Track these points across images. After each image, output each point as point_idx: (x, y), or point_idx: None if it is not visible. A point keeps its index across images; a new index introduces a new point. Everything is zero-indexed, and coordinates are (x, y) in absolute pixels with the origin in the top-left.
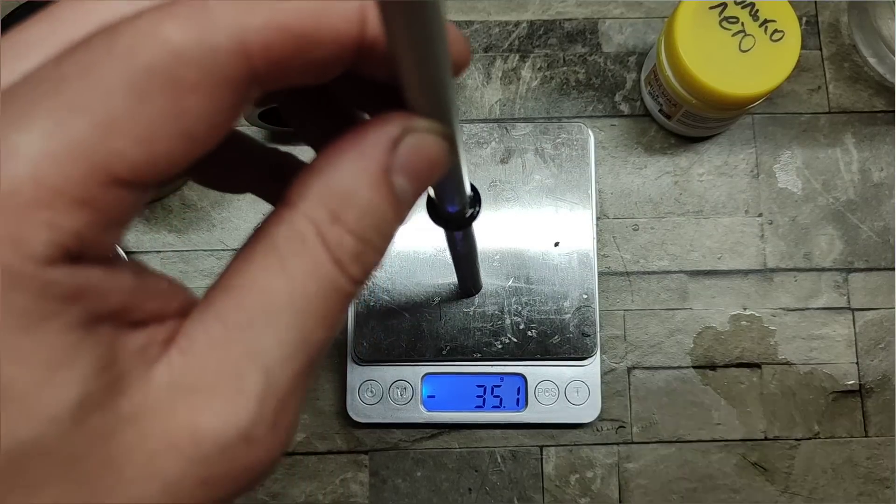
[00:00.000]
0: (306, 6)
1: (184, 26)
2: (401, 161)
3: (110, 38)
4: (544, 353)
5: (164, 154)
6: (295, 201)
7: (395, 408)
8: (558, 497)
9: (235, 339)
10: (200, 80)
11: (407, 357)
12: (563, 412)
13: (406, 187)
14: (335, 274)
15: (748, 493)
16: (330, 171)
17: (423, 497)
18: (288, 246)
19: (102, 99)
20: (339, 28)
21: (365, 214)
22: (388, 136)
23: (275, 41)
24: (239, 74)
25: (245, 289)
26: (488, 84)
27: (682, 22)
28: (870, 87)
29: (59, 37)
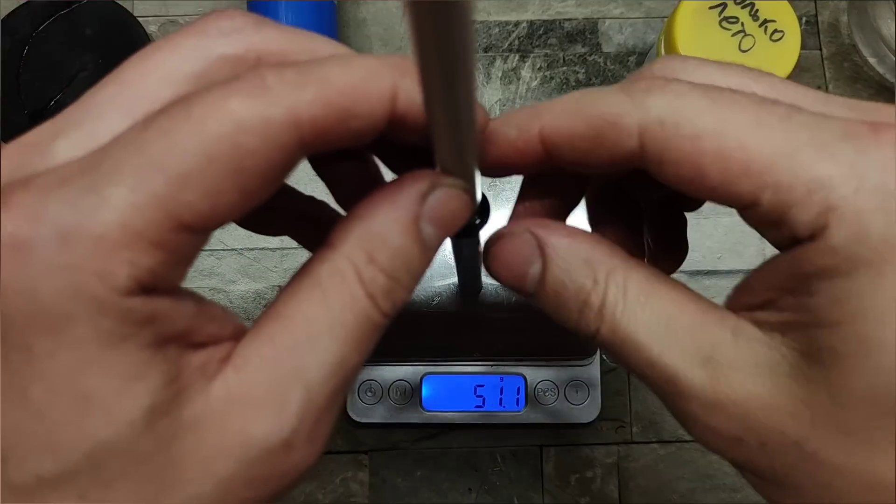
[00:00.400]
0: (347, 85)
1: (246, 101)
2: (429, 211)
3: (186, 108)
4: (544, 353)
5: (224, 205)
6: (336, 244)
7: (395, 408)
8: (558, 497)
9: (283, 360)
10: (258, 146)
11: (407, 357)
12: (563, 412)
13: (432, 234)
14: (369, 307)
15: (748, 492)
16: (368, 218)
17: (422, 497)
18: (330, 281)
19: (178, 160)
20: (374, 104)
21: (396, 256)
22: (419, 190)
23: (320, 114)
24: (290, 141)
25: (292, 317)
26: (488, 84)
27: (682, 22)
28: (870, 87)
29: (126, 97)
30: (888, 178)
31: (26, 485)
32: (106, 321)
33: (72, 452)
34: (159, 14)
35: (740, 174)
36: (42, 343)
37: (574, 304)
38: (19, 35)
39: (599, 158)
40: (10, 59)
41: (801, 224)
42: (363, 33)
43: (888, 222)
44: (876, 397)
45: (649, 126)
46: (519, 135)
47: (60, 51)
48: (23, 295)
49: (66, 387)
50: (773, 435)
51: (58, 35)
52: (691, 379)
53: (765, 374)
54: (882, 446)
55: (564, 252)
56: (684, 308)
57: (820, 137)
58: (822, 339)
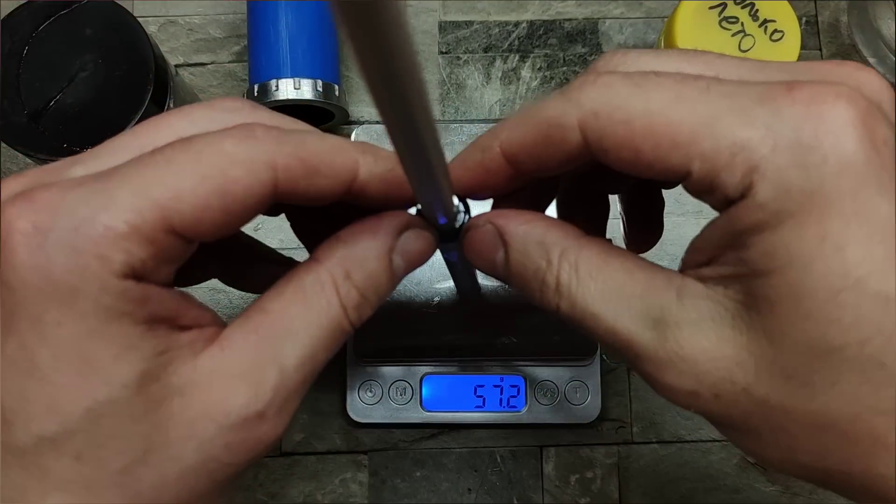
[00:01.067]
0: (318, 150)
1: (237, 143)
2: (400, 246)
3: (187, 143)
4: (544, 353)
5: (208, 220)
6: (321, 259)
7: (395, 408)
8: (558, 497)
9: (263, 346)
10: (242, 177)
11: (407, 357)
12: (563, 412)
13: (400, 265)
14: (341, 315)
15: (748, 493)
16: (350, 242)
17: (422, 497)
18: (312, 288)
19: (175, 177)
20: (338, 168)
21: (369, 278)
22: (395, 226)
23: (294, 165)
24: (268, 180)
25: (276, 312)
26: (488, 84)
27: (682, 22)
28: None
29: (138, 144)
30: (801, 133)
31: (27, 446)
32: (107, 298)
33: (72, 412)
34: (159, 14)
35: (669, 148)
36: (52, 313)
37: (535, 284)
38: (19, 35)
39: (554, 159)
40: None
41: (730, 186)
42: None
43: (804, 175)
44: (809, 340)
45: (586, 119)
46: (483, 154)
47: (60, 51)
48: (38, 271)
49: (71, 352)
50: (724, 384)
51: (58, 35)
52: (644, 341)
53: (709, 328)
54: (821, 387)
55: (521, 237)
56: (634, 276)
57: (738, 104)
58: (758, 289)
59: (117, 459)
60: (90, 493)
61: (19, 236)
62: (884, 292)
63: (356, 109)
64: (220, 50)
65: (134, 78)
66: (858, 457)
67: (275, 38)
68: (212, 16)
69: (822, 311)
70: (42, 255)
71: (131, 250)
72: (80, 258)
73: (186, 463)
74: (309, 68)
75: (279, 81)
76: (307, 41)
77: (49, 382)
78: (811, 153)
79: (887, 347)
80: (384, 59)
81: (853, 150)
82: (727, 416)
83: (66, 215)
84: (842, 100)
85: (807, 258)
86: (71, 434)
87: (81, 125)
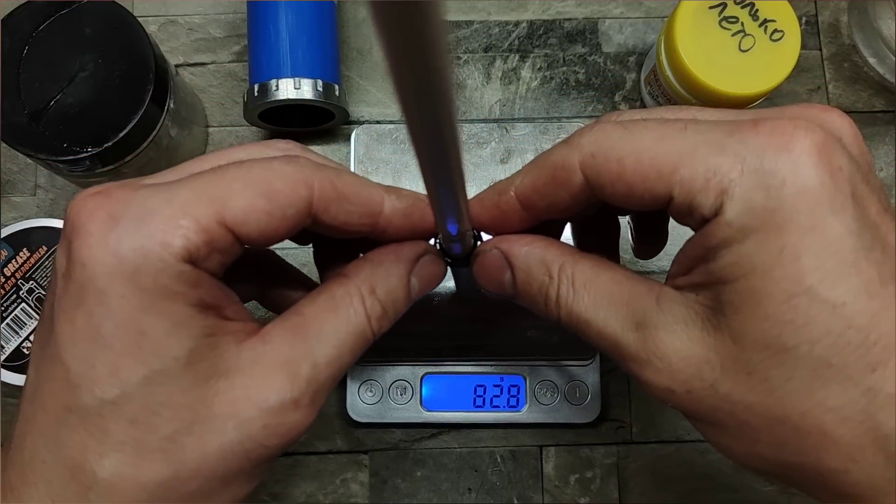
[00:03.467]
0: (350, 181)
1: (283, 163)
2: (418, 270)
3: (239, 163)
4: (544, 353)
5: (253, 220)
6: (350, 275)
7: (395, 408)
8: (558, 497)
9: (299, 344)
10: (284, 187)
11: (407, 357)
12: (563, 412)
13: (416, 286)
14: (365, 324)
15: (747, 493)
16: (376, 263)
17: (423, 497)
18: (342, 299)
19: (228, 182)
20: (364, 202)
21: (390, 294)
22: (415, 252)
23: (327, 189)
24: (305, 195)
25: (310, 317)
26: (488, 84)
27: (682, 22)
28: (870, 87)
29: (201, 165)
30: (764, 159)
31: (90, 407)
32: (165, 277)
33: (130, 378)
34: (159, 14)
35: (655, 179)
36: (116, 288)
37: (540, 298)
38: (19, 35)
39: (561, 199)
40: (10, 59)
41: (705, 207)
42: (363, 33)
43: (766, 196)
44: (767, 339)
45: (585, 160)
46: (499, 196)
47: (60, 51)
48: (108, 251)
49: (130, 323)
50: (694, 381)
51: (58, 35)
52: (628, 343)
53: (681, 330)
54: (777, 383)
55: (524, 258)
56: (621, 286)
57: (711, 137)
58: (724, 294)
59: (166, 426)
60: (140, 457)
61: (96, 222)
62: (831, 299)
63: (356, 109)
64: (220, 50)
65: (134, 78)
66: (809, 450)
67: (275, 38)
68: (212, 15)
69: (778, 313)
70: (113, 237)
71: (189, 237)
72: (145, 241)
73: (227, 438)
74: (309, 68)
75: (279, 81)
76: (307, 41)
77: (111, 350)
78: (772, 177)
79: (834, 349)
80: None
81: (809, 174)
82: (698, 411)
83: (136, 206)
84: (800, 131)
85: (767, 266)
86: (129, 398)
87: (81, 125)
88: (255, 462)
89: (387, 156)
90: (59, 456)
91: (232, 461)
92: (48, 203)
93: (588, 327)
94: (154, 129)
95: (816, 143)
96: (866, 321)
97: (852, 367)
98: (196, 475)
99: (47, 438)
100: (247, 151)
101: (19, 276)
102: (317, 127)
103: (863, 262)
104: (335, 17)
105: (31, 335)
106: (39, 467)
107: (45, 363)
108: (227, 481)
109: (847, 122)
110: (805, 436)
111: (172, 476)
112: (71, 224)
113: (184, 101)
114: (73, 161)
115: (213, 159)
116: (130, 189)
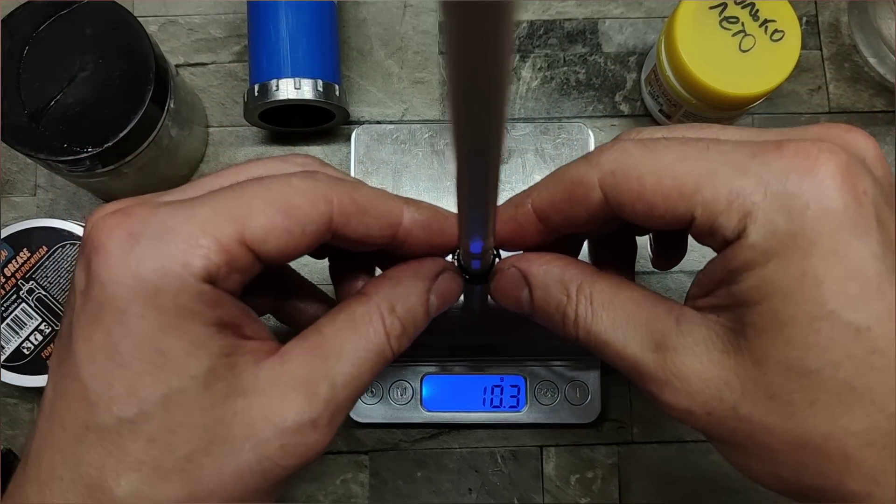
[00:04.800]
0: (369, 194)
1: (302, 179)
2: (436, 288)
3: (259, 179)
4: (544, 353)
5: (273, 238)
6: (370, 293)
7: (395, 408)
8: (559, 497)
9: (317, 364)
10: (304, 203)
11: (407, 357)
12: (563, 412)
13: (434, 303)
14: (384, 343)
15: (748, 493)
16: (396, 281)
17: (423, 498)
18: (361, 319)
19: (248, 201)
20: (384, 215)
21: (409, 312)
22: (434, 270)
23: (346, 203)
24: (324, 210)
25: (329, 336)
26: None
27: (682, 22)
28: (870, 88)
29: (220, 181)
30: (787, 182)
31: (108, 426)
32: (184, 297)
33: (149, 398)
34: (159, 14)
35: (677, 199)
36: (135, 307)
37: (557, 317)
38: (19, 35)
39: (578, 215)
40: (10, 59)
41: (727, 229)
42: (363, 33)
43: (789, 219)
44: (789, 362)
45: (605, 178)
46: (517, 210)
47: (60, 51)
48: (128, 270)
49: (148, 343)
50: (714, 402)
51: (58, 35)
52: (647, 363)
53: (702, 352)
54: (799, 406)
55: (542, 277)
56: (640, 306)
57: (734, 159)
58: (746, 317)
59: (184, 446)
60: (157, 476)
61: (115, 241)
62: (854, 323)
63: (356, 109)
64: (220, 50)
65: (134, 78)
66: (831, 473)
67: (275, 38)
68: (212, 15)
69: (801, 337)
70: (133, 256)
71: (209, 257)
72: (165, 261)
73: (244, 458)
74: (309, 68)
75: (279, 81)
76: (307, 41)
77: (130, 369)
78: (796, 200)
79: (857, 372)
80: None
81: (833, 197)
82: (718, 432)
83: (156, 225)
84: (824, 154)
85: (789, 290)
86: (148, 417)
87: (82, 125)
88: (273, 482)
89: (387, 156)
90: (77, 474)
91: (249, 481)
92: (48, 203)
93: (607, 347)
94: (154, 129)
95: (840, 166)
96: (890, 345)
97: (876, 392)
98: (213, 496)
99: (65, 456)
100: (265, 167)
101: (19, 277)
102: (317, 127)
103: (887, 287)
104: (335, 17)
105: (31, 335)
106: (57, 485)
107: (63, 380)
108: (243, 501)
109: (871, 143)
110: (827, 459)
111: (189, 496)
112: (90, 241)
113: (184, 101)
114: (74, 161)
115: (231, 175)
116: (150, 207)
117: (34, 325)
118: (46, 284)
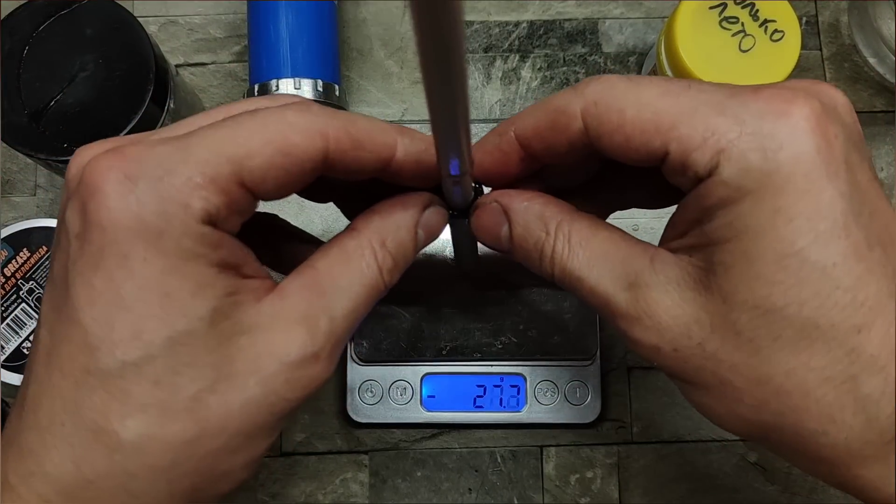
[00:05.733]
0: (364, 126)
1: (297, 114)
2: (423, 221)
3: (253, 113)
4: (544, 353)
5: (271, 177)
6: (360, 228)
7: (395, 408)
8: (558, 497)
9: (315, 299)
10: (300, 141)
11: (407, 357)
12: (563, 412)
13: (422, 236)
14: (377, 277)
15: (748, 493)
16: (385, 216)
17: (423, 497)
18: (354, 253)
19: (245, 139)
20: (380, 144)
21: (400, 245)
22: (421, 203)
23: (342, 138)
24: (321, 146)
25: (324, 271)
26: (488, 84)
27: (682, 22)
28: (870, 87)
29: (211, 117)
30: (763, 123)
31: (111, 370)
32: (187, 240)
33: (153, 340)
34: (159, 14)
35: (653, 133)
36: (138, 251)
37: (535, 254)
38: (19, 35)
39: (560, 143)
40: (10, 59)
41: (700, 165)
42: (363, 33)
43: (764, 157)
44: (756, 299)
45: (588, 107)
46: (500, 138)
47: (60, 51)
48: (129, 213)
49: (153, 286)
50: (682, 340)
51: (58, 35)
52: (619, 301)
53: (673, 290)
54: (764, 342)
55: (522, 212)
56: (617, 245)
57: (713, 98)
58: (716, 255)
59: (190, 386)
60: (164, 417)
61: (112, 183)
62: (821, 262)
63: (356, 109)
64: (220, 50)
65: (134, 78)
66: (790, 410)
67: (275, 38)
68: (212, 16)
69: (768, 274)
70: (133, 199)
71: (209, 199)
72: (166, 204)
73: (250, 394)
74: (309, 68)
75: (279, 81)
76: (307, 41)
77: (133, 312)
78: (770, 140)
79: (822, 309)
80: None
81: (806, 140)
82: (683, 370)
83: (153, 166)
84: (800, 99)
85: (760, 227)
86: (152, 360)
87: (82, 125)
88: (278, 416)
89: None
90: (80, 419)
91: (256, 416)
92: (48, 203)
93: (580, 284)
94: (154, 129)
95: (814, 110)
96: (853, 282)
97: (838, 328)
98: (221, 432)
99: (65, 402)
100: (256, 104)
101: (19, 277)
102: None
103: (852, 226)
104: (335, 17)
105: (31, 335)
106: (59, 430)
107: (61, 326)
108: (251, 436)
109: (840, 94)
110: (787, 396)
111: (198, 434)
112: (83, 183)
113: (184, 101)
114: None
115: (223, 111)
116: (145, 146)
117: (34, 325)
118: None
